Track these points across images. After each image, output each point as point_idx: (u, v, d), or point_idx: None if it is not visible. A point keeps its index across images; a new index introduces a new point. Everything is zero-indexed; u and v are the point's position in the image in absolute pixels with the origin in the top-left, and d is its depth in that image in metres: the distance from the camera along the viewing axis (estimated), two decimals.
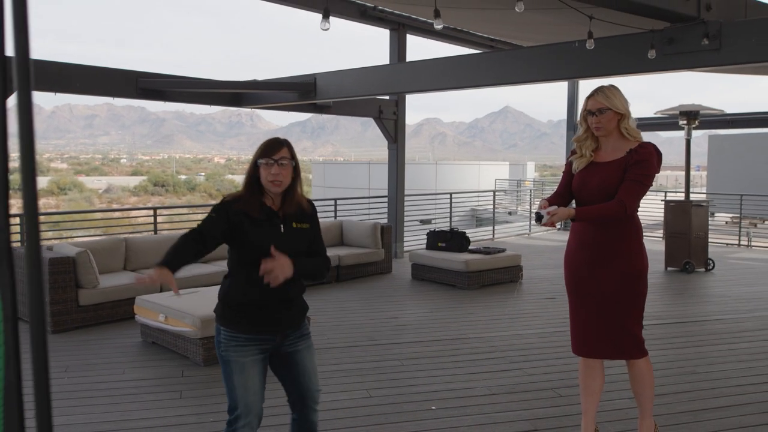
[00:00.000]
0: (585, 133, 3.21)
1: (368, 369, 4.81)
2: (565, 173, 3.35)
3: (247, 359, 2.52)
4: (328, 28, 4.27)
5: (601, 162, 3.16)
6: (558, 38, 6.36)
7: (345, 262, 8.27)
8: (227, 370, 2.53)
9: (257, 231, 2.46)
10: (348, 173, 29.30)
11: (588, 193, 3.14)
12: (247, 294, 2.49)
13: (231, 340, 2.51)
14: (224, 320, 2.53)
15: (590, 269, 3.16)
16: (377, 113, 9.78)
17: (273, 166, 2.46)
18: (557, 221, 3.04)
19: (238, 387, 2.52)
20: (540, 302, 7.11)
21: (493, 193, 13.67)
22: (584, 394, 3.36)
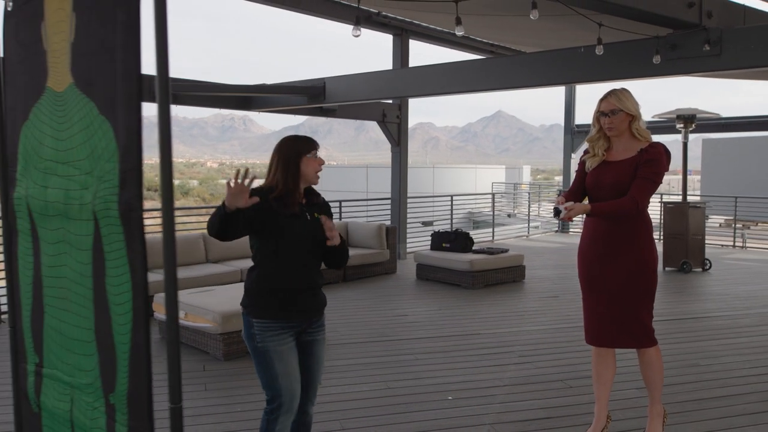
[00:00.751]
0: (598, 134, 3.40)
1: (384, 363, 4.97)
2: (578, 172, 3.54)
3: (285, 347, 2.58)
4: (359, 34, 4.44)
5: (613, 161, 3.34)
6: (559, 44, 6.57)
7: (351, 263, 8.42)
8: (266, 361, 2.56)
9: (288, 222, 2.56)
10: (346, 177, 29.49)
11: (601, 190, 3.33)
12: (280, 282, 2.58)
13: (266, 330, 2.56)
14: (257, 311, 2.57)
15: (603, 262, 3.34)
16: (381, 117, 9.96)
17: (318, 158, 2.64)
18: (574, 215, 3.22)
19: (281, 375, 2.56)
20: (543, 300, 7.29)
21: (492, 195, 13.86)
22: (597, 383, 3.53)
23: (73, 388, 1.72)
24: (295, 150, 2.61)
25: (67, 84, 1.60)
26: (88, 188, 1.54)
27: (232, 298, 5.38)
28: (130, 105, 1.43)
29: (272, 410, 2.61)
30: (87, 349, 1.65)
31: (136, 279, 1.44)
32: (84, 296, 1.62)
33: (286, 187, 2.57)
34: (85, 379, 1.67)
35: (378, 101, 9.69)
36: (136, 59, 1.41)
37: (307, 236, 2.61)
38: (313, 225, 2.65)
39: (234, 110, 9.35)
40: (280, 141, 2.70)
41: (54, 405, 1.80)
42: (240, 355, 5.06)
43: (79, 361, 1.68)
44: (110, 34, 1.45)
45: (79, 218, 1.59)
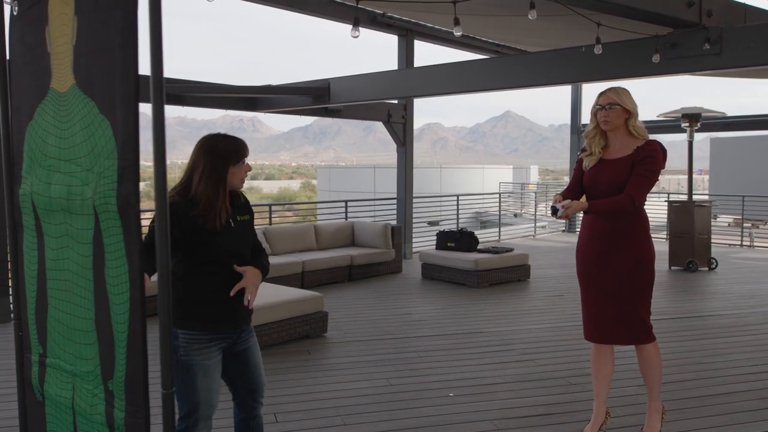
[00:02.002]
0: (594, 129, 3.43)
1: (387, 360, 5.02)
2: (576, 170, 3.58)
3: (211, 361, 2.44)
4: (358, 35, 4.50)
5: (610, 159, 3.38)
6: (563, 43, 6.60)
7: (357, 262, 8.49)
8: (189, 375, 2.40)
9: (216, 237, 2.39)
10: (353, 177, 29.57)
11: (599, 188, 3.36)
12: (208, 293, 2.41)
13: (193, 342, 2.40)
14: (184, 322, 2.39)
15: (600, 259, 3.37)
16: (386, 117, 10.01)
17: (246, 165, 2.47)
18: (572, 214, 3.26)
19: (202, 390, 2.42)
20: (548, 299, 7.31)
21: (499, 195, 13.89)
22: (596, 379, 3.56)
23: (75, 377, 1.78)
24: (221, 160, 2.39)
25: (70, 85, 1.66)
26: (89, 184, 1.60)
27: None
28: (128, 104, 1.48)
29: (188, 427, 2.46)
30: (88, 338, 1.71)
31: (133, 271, 1.50)
32: (85, 288, 1.68)
33: (209, 202, 2.35)
34: (86, 367, 1.73)
35: (383, 102, 9.75)
36: (134, 59, 1.46)
37: (235, 243, 2.47)
38: (239, 230, 2.50)
39: (243, 111, 9.44)
40: (205, 143, 2.43)
41: (57, 393, 1.86)
42: None
43: (81, 350, 1.74)
44: (109, 35, 1.50)
45: (80, 213, 1.65)
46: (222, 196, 2.38)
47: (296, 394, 4.26)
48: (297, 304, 5.53)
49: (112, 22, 1.49)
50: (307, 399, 4.17)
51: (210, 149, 2.39)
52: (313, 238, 8.73)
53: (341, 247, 8.96)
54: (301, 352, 5.25)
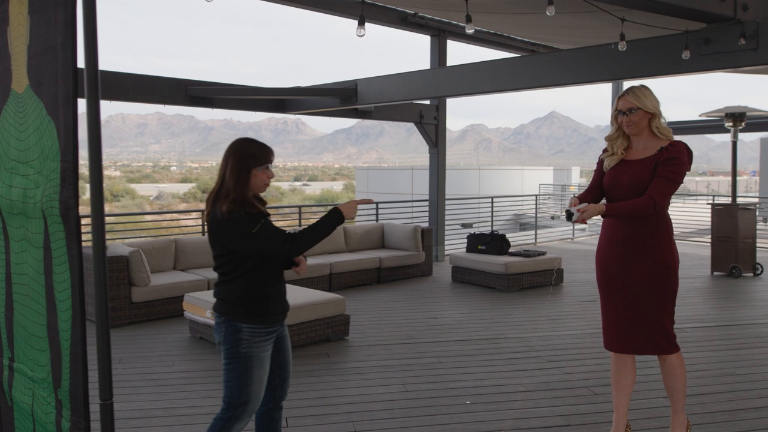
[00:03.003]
0: (616, 132, 3.29)
1: (406, 365, 4.93)
2: (596, 171, 3.43)
3: (266, 353, 2.63)
4: (363, 34, 4.43)
5: (632, 160, 3.22)
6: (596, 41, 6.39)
7: (385, 264, 8.42)
8: (247, 366, 2.56)
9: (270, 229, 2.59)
10: (391, 179, 29.51)
11: (619, 190, 3.21)
12: (271, 287, 2.63)
13: (255, 336, 2.58)
14: (250, 317, 2.58)
15: (620, 264, 3.22)
16: (418, 118, 9.92)
17: (269, 170, 2.61)
18: (588, 218, 3.11)
19: (256, 381, 2.59)
20: (580, 304, 7.10)
21: (536, 197, 13.63)
22: (616, 390, 3.41)
23: (34, 383, 1.76)
24: (245, 160, 2.55)
25: (25, 86, 1.64)
26: (39, 187, 1.57)
27: None
28: (67, 104, 1.45)
29: (232, 417, 2.60)
30: (42, 345, 1.68)
31: (74, 277, 1.46)
32: (39, 293, 1.66)
33: (239, 192, 2.53)
34: (41, 374, 1.70)
35: (415, 102, 9.66)
36: (73, 58, 1.42)
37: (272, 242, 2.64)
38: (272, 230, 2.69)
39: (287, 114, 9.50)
40: (234, 145, 2.62)
41: (21, 399, 1.85)
42: None
43: (37, 356, 1.72)
44: (52, 34, 1.47)
45: (33, 216, 1.63)
46: (249, 193, 2.55)
47: (309, 399, 4.21)
48: (319, 307, 5.49)
49: (53, 21, 1.45)
50: (320, 404, 4.12)
51: (237, 149, 2.58)
52: (342, 240, 8.69)
53: (371, 249, 8.90)
54: (320, 355, 5.21)
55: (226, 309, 2.63)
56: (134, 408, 4.04)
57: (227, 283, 2.62)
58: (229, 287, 2.61)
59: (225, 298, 2.63)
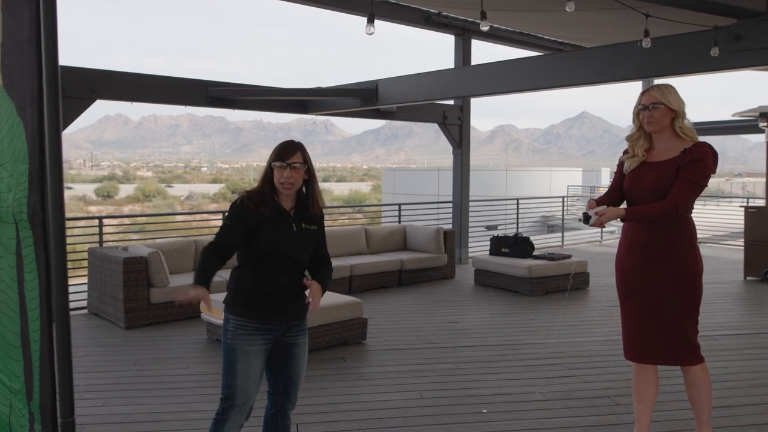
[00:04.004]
0: (638, 132, 3.15)
1: (422, 371, 4.83)
2: (616, 173, 3.29)
3: (252, 348, 2.59)
4: (372, 32, 4.34)
5: (653, 161, 3.08)
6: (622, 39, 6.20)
7: (407, 267, 8.31)
8: (230, 358, 2.59)
9: (272, 228, 2.59)
10: (417, 180, 29.36)
11: (640, 193, 3.07)
12: (259, 283, 2.60)
13: (239, 328, 2.58)
14: (234, 308, 2.61)
15: (641, 270, 3.08)
16: (442, 119, 9.79)
17: (286, 169, 2.58)
18: (606, 221, 2.98)
19: (240, 375, 2.58)
20: (605, 310, 6.91)
21: (562, 199, 13.38)
22: (637, 401, 3.26)
23: (11, 394, 1.71)
24: (271, 158, 2.64)
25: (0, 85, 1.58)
26: (11, 191, 1.52)
27: None
28: (33, 103, 1.38)
29: (223, 409, 2.63)
30: (18, 355, 1.63)
31: (42, 285, 1.40)
32: (14, 300, 1.60)
33: (262, 191, 2.62)
34: (17, 385, 1.65)
35: (438, 102, 9.55)
36: (38, 54, 1.35)
37: (292, 243, 2.63)
38: (301, 236, 2.67)
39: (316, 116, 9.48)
40: None
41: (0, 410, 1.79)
42: None
43: (14, 366, 1.66)
44: (20, 30, 1.41)
45: (7, 221, 1.57)
46: (268, 188, 2.61)
47: (322, 404, 4.14)
48: (335, 310, 5.41)
49: (20, 17, 1.39)
50: (332, 410, 4.03)
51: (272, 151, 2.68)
52: (363, 242, 8.62)
53: (392, 251, 8.81)
54: (336, 359, 5.13)
55: (225, 298, 2.69)
56: (144, 411, 4.01)
57: (232, 272, 2.69)
58: (231, 275, 2.68)
59: (227, 288, 2.70)
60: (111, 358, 5.26)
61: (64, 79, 6.39)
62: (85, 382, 4.62)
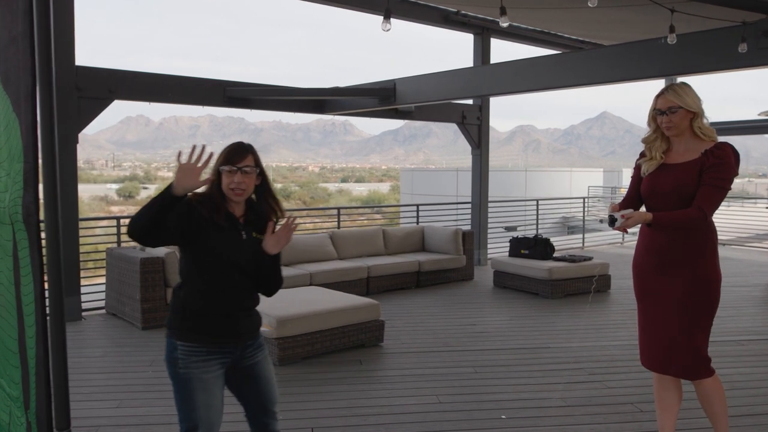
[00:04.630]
0: (654, 134, 3.04)
1: (440, 375, 4.75)
2: (633, 177, 3.18)
3: (209, 375, 2.34)
4: (389, 28, 4.27)
5: (673, 163, 2.97)
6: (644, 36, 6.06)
7: (425, 268, 8.23)
8: (187, 389, 2.32)
9: (219, 237, 2.33)
10: (436, 181, 29.24)
11: (659, 197, 2.96)
12: (208, 302, 2.34)
13: (191, 355, 2.32)
14: (182, 333, 2.33)
15: (657, 274, 2.98)
16: (460, 118, 9.70)
17: (236, 174, 2.33)
18: (632, 225, 2.88)
19: (201, 407, 2.33)
20: (628, 313, 6.76)
21: (583, 200, 13.20)
22: (659, 409, 3.16)
23: (11, 401, 1.66)
24: (218, 162, 2.36)
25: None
26: (7, 191, 1.47)
27: (291, 302, 5.35)
28: (27, 99, 1.33)
29: None
30: (16, 361, 1.58)
31: (36, 289, 1.35)
32: (11, 304, 1.55)
33: (211, 196, 2.35)
34: (16, 392, 1.60)
35: (457, 102, 9.46)
36: (31, 48, 1.30)
37: (241, 255, 2.38)
38: (250, 244, 2.41)
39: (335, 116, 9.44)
40: None
41: (1, 417, 1.75)
42: (296, 360, 5.01)
43: (13, 372, 1.62)
44: (15, 23, 1.36)
45: (4, 222, 1.52)
46: (218, 194, 2.34)
47: (338, 408, 4.08)
48: (352, 312, 5.35)
49: (15, 9, 1.34)
50: (349, 413, 3.97)
51: None
52: (381, 243, 8.55)
53: (410, 252, 8.73)
54: (353, 362, 5.06)
55: (167, 321, 2.41)
56: (160, 413, 3.98)
57: (175, 291, 2.41)
58: (175, 295, 2.40)
59: (170, 309, 2.42)
60: (127, 359, 5.25)
61: (82, 79, 6.39)
62: (102, 383, 4.62)
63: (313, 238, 8.07)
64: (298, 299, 5.49)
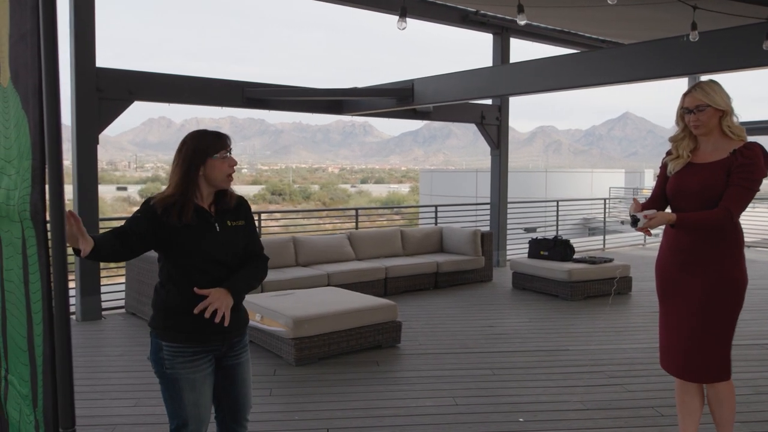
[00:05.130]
0: (682, 133, 2.97)
1: (457, 377, 4.71)
2: (659, 177, 3.11)
3: (198, 375, 2.30)
4: (404, 27, 4.24)
5: (700, 163, 2.90)
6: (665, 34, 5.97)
7: (443, 269, 8.19)
8: (175, 389, 2.29)
9: (193, 236, 2.25)
10: (455, 181, 29.14)
11: (685, 196, 2.89)
12: (191, 301, 2.23)
13: (177, 355, 2.27)
14: (167, 333, 2.28)
15: (680, 275, 2.91)
16: (479, 119, 9.64)
17: (230, 159, 2.29)
18: (655, 226, 2.81)
19: (189, 405, 2.30)
20: (649, 315, 6.66)
21: (604, 201, 13.05)
22: (681, 414, 3.09)
23: (21, 399, 1.66)
24: (200, 150, 2.24)
25: (8, 79, 1.54)
26: (17, 188, 1.47)
27: (308, 303, 5.34)
28: (35, 96, 1.32)
29: None
30: (25, 359, 1.58)
31: (44, 287, 1.34)
32: (21, 301, 1.56)
33: (179, 195, 2.22)
34: (25, 390, 1.60)
35: (476, 102, 9.40)
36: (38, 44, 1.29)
37: (219, 249, 2.30)
38: (226, 235, 2.33)
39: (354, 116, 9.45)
40: (185, 138, 2.29)
41: (12, 414, 1.76)
42: (313, 360, 5.00)
43: (23, 370, 1.62)
44: (24, 20, 1.36)
45: (14, 220, 1.52)
46: (191, 189, 2.24)
47: (353, 409, 4.06)
48: (368, 313, 5.33)
49: (24, 5, 1.34)
50: (363, 415, 3.95)
51: (186, 142, 2.27)
52: (399, 244, 8.52)
53: (428, 253, 8.69)
54: (369, 363, 5.04)
55: (151, 320, 2.36)
56: None
57: (157, 289, 2.35)
58: (157, 294, 2.34)
59: (152, 307, 2.36)
60: (146, 358, 5.27)
61: (103, 80, 6.43)
62: (120, 382, 4.65)
63: (332, 239, 8.07)
64: (315, 300, 5.49)
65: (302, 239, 7.82)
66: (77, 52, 6.18)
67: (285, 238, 7.84)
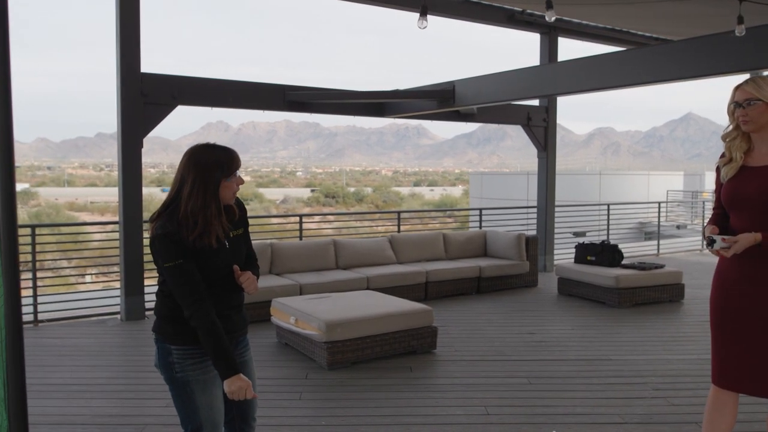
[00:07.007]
0: (735, 131, 2.76)
1: (491, 385, 4.58)
2: (716, 182, 2.87)
3: (208, 376, 2.31)
4: (425, 26, 4.15)
5: (755, 166, 2.66)
6: (714, 30, 5.67)
7: (486, 274, 8.03)
8: (186, 392, 2.31)
9: (208, 255, 2.26)
10: (506, 184, 28.72)
11: (742, 204, 2.65)
12: None
13: (186, 358, 2.29)
14: (176, 337, 2.29)
15: (742, 286, 2.68)
16: (525, 120, 9.43)
17: (238, 178, 2.29)
18: (740, 250, 2.56)
19: (203, 408, 2.32)
20: (699, 325, 6.36)
21: (658, 205, 12.59)
22: None
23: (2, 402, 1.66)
24: (211, 173, 2.22)
25: None
26: None
27: (343, 306, 5.31)
28: None
29: None
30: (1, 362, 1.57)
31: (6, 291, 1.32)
32: None
33: (206, 220, 2.21)
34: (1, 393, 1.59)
35: (522, 103, 9.21)
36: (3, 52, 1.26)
37: (229, 263, 2.32)
38: (233, 246, 2.35)
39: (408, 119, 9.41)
40: (193, 155, 2.25)
41: None
42: (345, 365, 4.96)
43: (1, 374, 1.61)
44: None
45: None
46: (216, 213, 2.24)
47: (382, 415, 3.99)
48: (403, 317, 5.26)
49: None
50: (391, 422, 3.88)
51: (198, 161, 2.23)
52: (441, 248, 8.41)
53: (472, 257, 8.55)
54: (402, 368, 4.97)
55: (156, 327, 2.36)
56: None
57: (160, 297, 2.35)
58: (161, 303, 2.34)
59: (156, 315, 2.37)
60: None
61: (147, 85, 6.58)
62: (155, 381, 4.70)
63: (372, 242, 8.03)
64: (350, 303, 5.45)
65: (343, 242, 7.80)
66: (122, 58, 6.34)
67: (326, 240, 7.83)
